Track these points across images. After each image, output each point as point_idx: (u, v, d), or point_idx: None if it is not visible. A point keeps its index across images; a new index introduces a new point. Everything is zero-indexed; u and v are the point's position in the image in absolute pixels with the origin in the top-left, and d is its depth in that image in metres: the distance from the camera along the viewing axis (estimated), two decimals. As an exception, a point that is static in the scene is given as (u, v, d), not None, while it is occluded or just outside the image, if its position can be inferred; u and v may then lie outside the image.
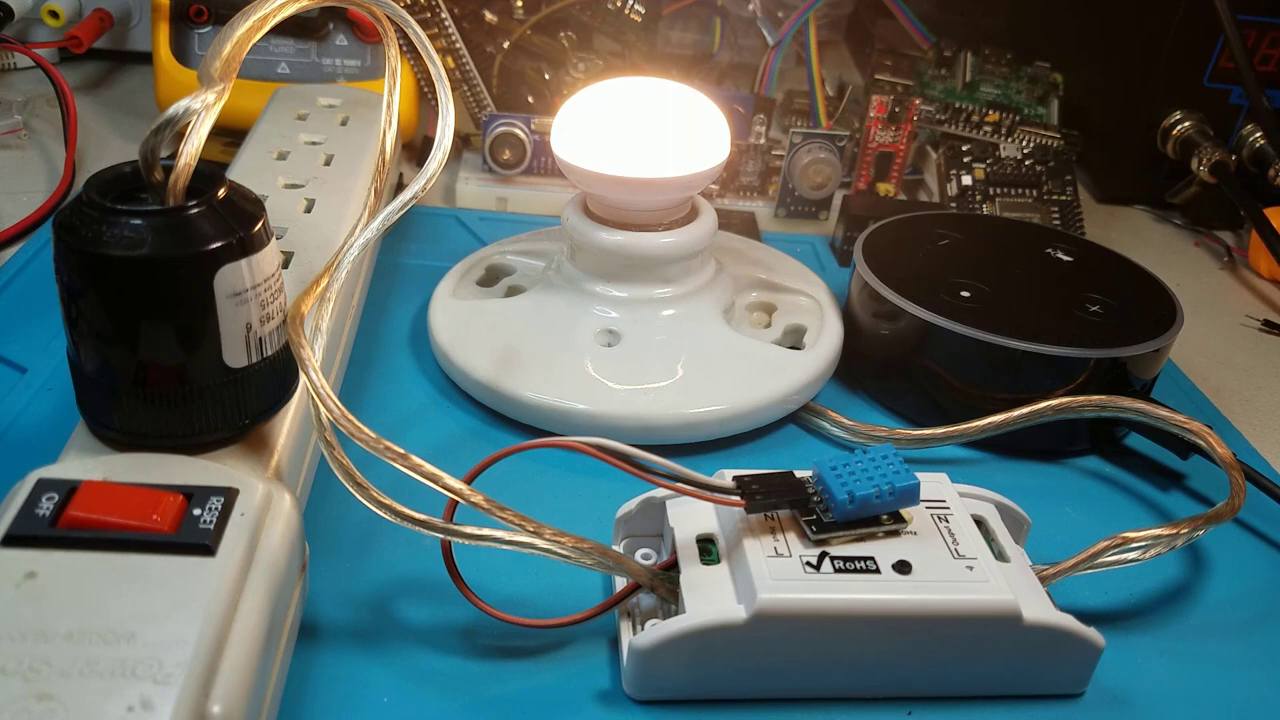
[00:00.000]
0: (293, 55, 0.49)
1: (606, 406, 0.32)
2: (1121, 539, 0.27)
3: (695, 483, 0.24)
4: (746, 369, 0.33)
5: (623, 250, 0.34)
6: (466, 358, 0.33)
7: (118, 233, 0.21)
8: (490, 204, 0.47)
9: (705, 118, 0.34)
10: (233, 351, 0.23)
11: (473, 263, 0.39)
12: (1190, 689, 0.26)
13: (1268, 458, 0.36)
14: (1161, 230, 0.55)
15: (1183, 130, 0.52)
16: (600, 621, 0.25)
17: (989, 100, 0.53)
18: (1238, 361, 0.43)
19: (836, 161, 0.47)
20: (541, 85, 0.51)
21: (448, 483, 0.22)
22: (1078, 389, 0.33)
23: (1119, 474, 0.34)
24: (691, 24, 0.60)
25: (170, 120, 0.21)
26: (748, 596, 0.23)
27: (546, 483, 0.30)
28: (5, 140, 0.49)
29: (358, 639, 0.25)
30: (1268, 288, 0.50)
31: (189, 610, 0.19)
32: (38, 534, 0.20)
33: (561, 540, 0.23)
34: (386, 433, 0.23)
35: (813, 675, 0.24)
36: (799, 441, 0.34)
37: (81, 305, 0.22)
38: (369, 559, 0.27)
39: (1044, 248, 0.39)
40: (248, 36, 0.23)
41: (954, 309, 0.34)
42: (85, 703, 0.17)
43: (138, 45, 0.58)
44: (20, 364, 0.33)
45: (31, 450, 0.27)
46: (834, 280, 0.41)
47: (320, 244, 0.32)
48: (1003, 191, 0.50)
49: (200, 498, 0.21)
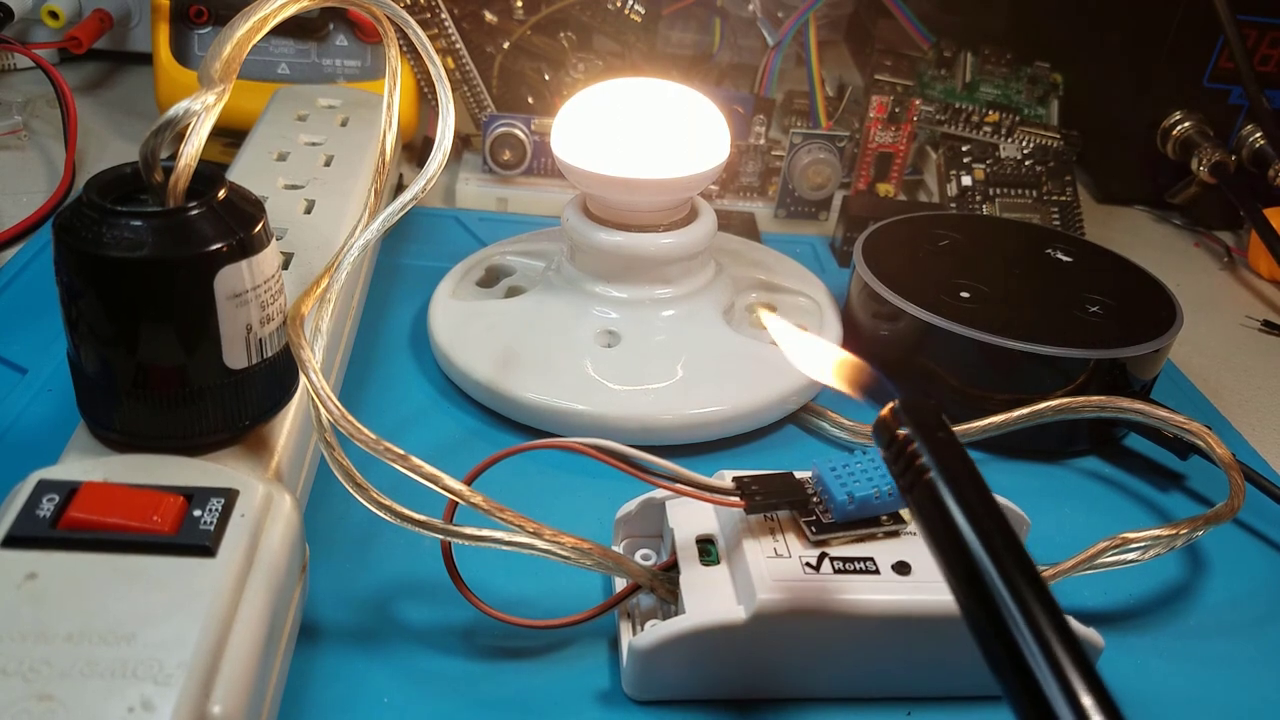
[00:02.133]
0: (293, 56, 0.49)
1: (606, 407, 0.32)
2: (1121, 539, 0.27)
3: (695, 483, 0.24)
4: (746, 369, 0.33)
5: (623, 251, 0.34)
6: (466, 358, 0.33)
7: (118, 234, 0.21)
8: (490, 204, 0.47)
9: (705, 118, 0.34)
10: (233, 353, 0.23)
11: (473, 263, 0.39)
12: (1190, 689, 0.26)
13: (1267, 458, 0.36)
14: (1161, 230, 0.55)
15: (1183, 130, 0.52)
16: (600, 622, 0.25)
17: (989, 100, 0.53)
18: (1238, 362, 0.43)
19: (836, 162, 0.47)
20: (541, 85, 0.51)
21: (447, 483, 0.23)
22: (1077, 390, 0.33)
23: (1119, 474, 0.34)
24: (691, 24, 0.60)
25: (170, 121, 0.21)
26: (747, 597, 0.23)
27: (546, 483, 0.30)
28: (5, 140, 0.49)
29: (358, 639, 0.25)
30: (1268, 288, 0.50)
31: (189, 611, 0.19)
32: (38, 535, 0.20)
33: (561, 541, 0.23)
34: (386, 434, 0.23)
35: (812, 675, 0.24)
36: (799, 441, 0.34)
37: (82, 306, 0.22)
38: (369, 559, 0.27)
39: (1044, 248, 0.39)
40: (248, 37, 0.23)
41: (954, 309, 0.34)
42: (85, 703, 0.17)
43: (138, 46, 0.58)
44: (20, 365, 0.33)
45: (32, 451, 0.27)
46: (834, 281, 0.41)
47: (320, 245, 0.32)
48: (1003, 192, 0.50)
49: (201, 499, 0.21)
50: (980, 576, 0.16)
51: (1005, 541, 0.17)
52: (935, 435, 0.18)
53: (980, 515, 0.17)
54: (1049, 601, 0.16)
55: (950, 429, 0.18)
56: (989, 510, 0.17)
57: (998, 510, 0.17)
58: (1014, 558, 0.16)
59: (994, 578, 0.16)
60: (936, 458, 0.18)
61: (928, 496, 0.17)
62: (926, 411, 0.18)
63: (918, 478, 0.18)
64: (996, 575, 0.16)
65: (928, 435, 0.18)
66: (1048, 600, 0.16)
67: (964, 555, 0.17)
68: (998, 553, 0.16)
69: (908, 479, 0.18)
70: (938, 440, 0.18)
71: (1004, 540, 0.17)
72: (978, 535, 0.17)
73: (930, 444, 0.18)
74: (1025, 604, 0.16)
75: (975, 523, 0.17)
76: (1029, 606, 0.16)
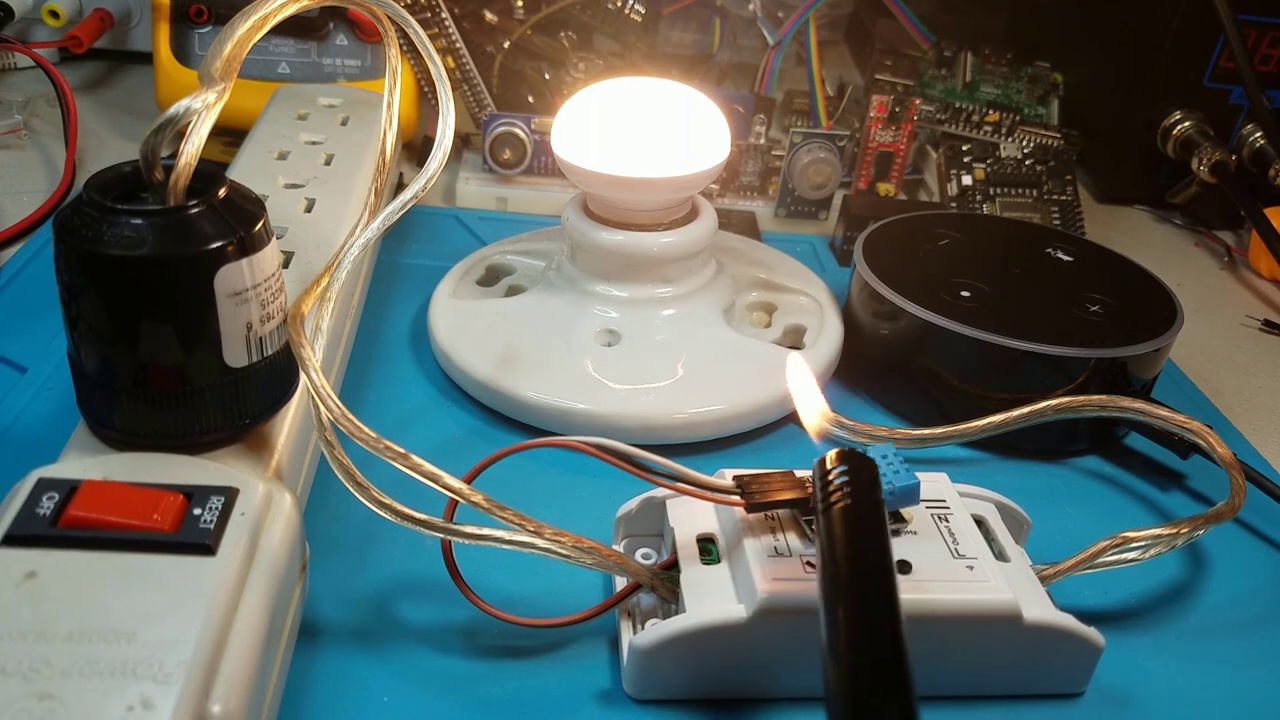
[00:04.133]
0: (293, 55, 0.49)
1: (606, 406, 0.32)
2: (1121, 539, 0.27)
3: (695, 482, 0.24)
4: (746, 369, 0.33)
5: (623, 250, 0.34)
6: (466, 357, 0.33)
7: (118, 232, 0.21)
8: (490, 204, 0.47)
9: (705, 118, 0.34)
10: (233, 351, 0.23)
11: (473, 263, 0.39)
12: (1190, 689, 0.26)
13: (1268, 458, 0.36)
14: (1161, 230, 0.55)
15: (1183, 130, 0.52)
16: (600, 621, 0.25)
17: (989, 100, 0.53)
18: (1238, 361, 0.43)
19: (836, 161, 0.47)
20: (541, 85, 0.51)
21: (448, 482, 0.23)
22: (1078, 389, 0.33)
23: (1119, 474, 0.34)
24: (691, 24, 0.60)
25: (171, 120, 0.21)
26: (748, 596, 0.23)
27: (546, 483, 0.30)
28: (5, 140, 0.49)
29: (358, 639, 0.25)
30: (1268, 288, 0.50)
31: (189, 610, 0.19)
32: (38, 533, 0.20)
33: (561, 540, 0.23)
34: (386, 432, 0.23)
35: (813, 675, 0.24)
36: (799, 441, 0.34)
37: (82, 305, 0.22)
38: (369, 559, 0.27)
39: (1044, 248, 0.39)
40: (248, 36, 0.23)
41: (954, 309, 0.34)
42: (85, 702, 0.17)
43: (138, 45, 0.58)
44: (20, 364, 0.33)
45: (32, 450, 0.27)
46: (834, 280, 0.41)
47: (320, 244, 0.32)
48: (1003, 191, 0.50)
49: (200, 497, 0.21)
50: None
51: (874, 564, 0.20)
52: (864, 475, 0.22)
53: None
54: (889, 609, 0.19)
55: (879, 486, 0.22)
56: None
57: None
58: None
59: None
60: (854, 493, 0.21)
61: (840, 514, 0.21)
62: (867, 465, 0.22)
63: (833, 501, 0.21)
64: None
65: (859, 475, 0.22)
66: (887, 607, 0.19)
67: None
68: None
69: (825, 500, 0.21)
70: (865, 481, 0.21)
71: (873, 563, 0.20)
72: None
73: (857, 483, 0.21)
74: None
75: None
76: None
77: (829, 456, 0.22)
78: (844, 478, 0.21)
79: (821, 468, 0.22)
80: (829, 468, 0.22)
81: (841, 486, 0.21)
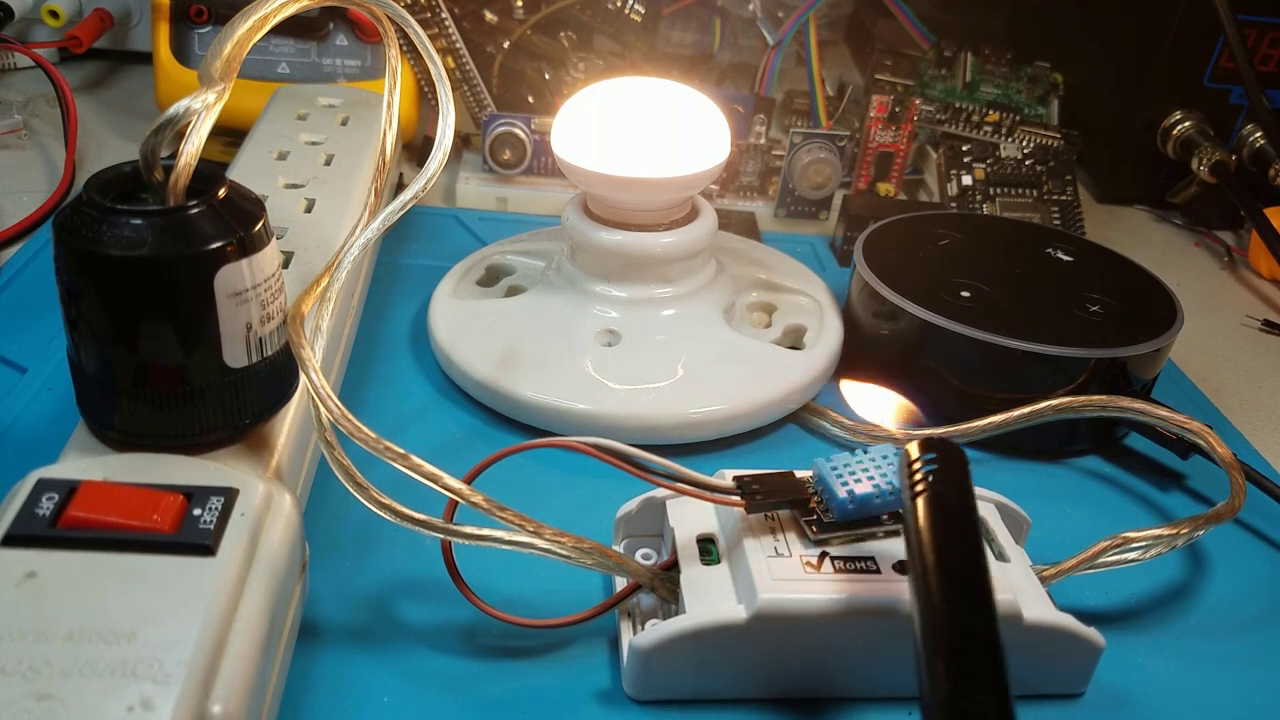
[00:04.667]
0: (293, 55, 0.49)
1: (606, 406, 0.32)
2: (1122, 539, 0.27)
3: (695, 483, 0.24)
4: (746, 369, 0.33)
5: (623, 250, 0.34)
6: (466, 358, 0.33)
7: (118, 233, 0.21)
8: (490, 204, 0.47)
9: (705, 118, 0.34)
10: (233, 351, 0.23)
11: (473, 263, 0.39)
12: (1190, 689, 0.26)
13: (1268, 458, 0.36)
14: (1161, 230, 0.55)
15: (1183, 130, 0.52)
16: (600, 621, 0.25)
17: (989, 100, 0.53)
18: (1238, 361, 0.43)
19: (836, 161, 0.47)
20: (541, 85, 0.51)
21: (447, 483, 0.23)
22: (1078, 389, 0.33)
23: (1119, 474, 0.34)
24: (691, 24, 0.60)
25: (170, 120, 0.21)
26: (748, 596, 0.23)
27: (546, 483, 0.30)
28: (5, 140, 0.49)
29: (358, 639, 0.25)
30: (1268, 288, 0.50)
31: (189, 610, 0.19)
32: (38, 534, 0.20)
33: (561, 540, 0.23)
34: (386, 433, 0.23)
35: (813, 675, 0.24)
36: (799, 441, 0.34)
37: (82, 305, 0.22)
38: (369, 559, 0.27)
39: (1044, 248, 0.39)
40: (248, 36, 0.23)
41: (954, 309, 0.34)
42: (85, 702, 0.17)
43: (138, 45, 0.58)
44: (20, 364, 0.33)
45: (31, 450, 0.27)
46: (834, 280, 0.41)
47: (320, 244, 0.32)
48: (1003, 191, 0.50)
49: (200, 498, 0.21)
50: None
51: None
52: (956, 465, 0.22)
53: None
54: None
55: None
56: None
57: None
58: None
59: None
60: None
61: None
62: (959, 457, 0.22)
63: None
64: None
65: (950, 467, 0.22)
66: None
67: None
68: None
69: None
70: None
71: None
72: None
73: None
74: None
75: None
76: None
77: (912, 446, 0.22)
78: (931, 466, 0.21)
79: (908, 457, 0.22)
80: (914, 456, 0.22)
81: (927, 476, 0.21)
